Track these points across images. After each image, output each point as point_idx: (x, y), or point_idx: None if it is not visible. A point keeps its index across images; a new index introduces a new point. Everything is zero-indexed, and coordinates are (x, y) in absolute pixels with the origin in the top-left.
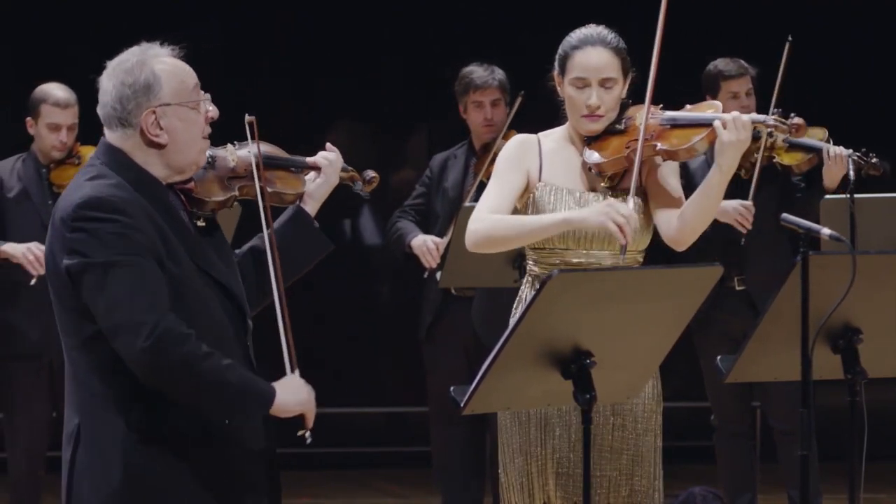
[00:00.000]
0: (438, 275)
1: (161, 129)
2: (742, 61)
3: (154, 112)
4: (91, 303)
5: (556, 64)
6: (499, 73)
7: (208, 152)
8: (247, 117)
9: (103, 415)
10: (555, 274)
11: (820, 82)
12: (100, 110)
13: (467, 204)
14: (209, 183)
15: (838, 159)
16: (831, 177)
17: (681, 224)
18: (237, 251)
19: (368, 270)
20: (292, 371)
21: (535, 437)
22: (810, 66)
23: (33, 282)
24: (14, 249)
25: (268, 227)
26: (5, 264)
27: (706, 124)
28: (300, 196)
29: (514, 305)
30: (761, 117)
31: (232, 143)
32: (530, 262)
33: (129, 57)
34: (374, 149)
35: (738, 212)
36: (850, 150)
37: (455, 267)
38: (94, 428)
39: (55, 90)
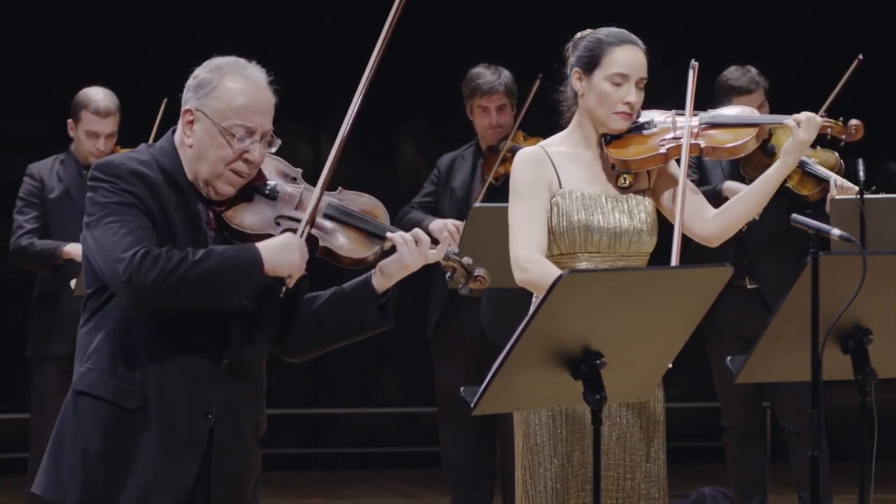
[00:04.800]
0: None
1: (192, 130)
2: (753, 72)
3: (192, 112)
4: (91, 256)
5: (582, 60)
6: (505, 77)
7: (273, 184)
8: None
9: (85, 375)
10: (565, 274)
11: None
12: None
13: (477, 204)
14: (249, 211)
15: (845, 192)
16: None
17: (724, 220)
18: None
19: None
20: (301, 236)
21: (568, 440)
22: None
23: (73, 283)
24: (76, 249)
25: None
26: (60, 267)
27: (753, 124)
28: (358, 262)
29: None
30: (826, 121)
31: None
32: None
33: (222, 59)
34: (381, 148)
35: None
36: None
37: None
38: (79, 388)
39: (97, 97)
